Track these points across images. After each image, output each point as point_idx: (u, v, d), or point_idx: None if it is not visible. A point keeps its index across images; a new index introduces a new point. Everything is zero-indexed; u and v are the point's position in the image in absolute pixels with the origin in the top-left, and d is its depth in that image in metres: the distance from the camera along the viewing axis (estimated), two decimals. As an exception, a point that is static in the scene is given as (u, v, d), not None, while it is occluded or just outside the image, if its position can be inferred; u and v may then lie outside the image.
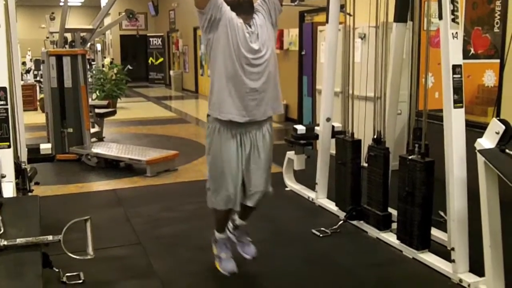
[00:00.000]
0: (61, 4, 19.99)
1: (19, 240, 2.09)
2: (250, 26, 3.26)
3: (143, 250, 4.11)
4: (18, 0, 3.91)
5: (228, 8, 3.24)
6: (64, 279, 3.43)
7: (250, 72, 3.23)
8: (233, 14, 3.23)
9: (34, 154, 4.27)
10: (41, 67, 8.07)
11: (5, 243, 2.09)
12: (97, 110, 8.67)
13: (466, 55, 5.27)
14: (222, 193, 3.38)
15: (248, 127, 3.33)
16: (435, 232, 3.99)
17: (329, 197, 5.05)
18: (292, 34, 10.35)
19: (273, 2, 3.38)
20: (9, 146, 2.96)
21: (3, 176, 2.77)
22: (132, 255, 4.06)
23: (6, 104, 2.97)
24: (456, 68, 3.50)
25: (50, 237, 2.14)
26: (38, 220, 2.25)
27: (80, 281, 3.46)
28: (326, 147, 5.03)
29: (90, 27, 7.93)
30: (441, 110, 3.65)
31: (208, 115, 3.39)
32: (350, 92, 4.68)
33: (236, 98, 3.22)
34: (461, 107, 3.52)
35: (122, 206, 5.21)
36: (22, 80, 8.18)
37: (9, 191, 2.75)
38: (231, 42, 3.18)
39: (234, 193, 3.36)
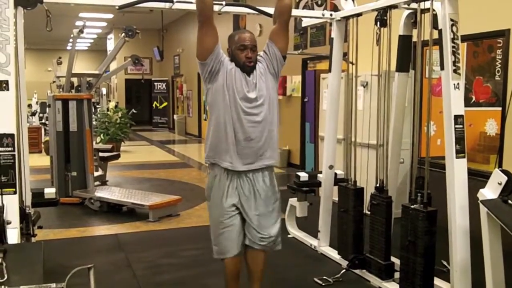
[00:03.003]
0: (68, 48, 20.27)
1: (22, 288, 2.10)
2: (249, 75, 3.36)
3: (144, 296, 4.09)
4: (26, 44, 3.98)
5: (227, 59, 3.38)
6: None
7: (247, 121, 3.31)
8: (232, 64, 3.36)
9: (38, 198, 4.28)
10: (47, 111, 8.15)
11: (8, 290, 2.09)
12: (101, 154, 8.71)
13: (467, 102, 5.33)
14: (221, 240, 3.39)
15: (246, 174, 3.37)
16: (438, 282, 3.95)
17: (331, 245, 5.03)
18: (295, 81, 10.48)
19: (274, 53, 3.47)
20: (15, 192, 2.97)
21: (9, 223, 2.78)
22: (133, 302, 4.04)
23: (13, 151, 3.00)
24: (458, 119, 3.54)
25: (53, 285, 2.14)
26: (42, 268, 2.26)
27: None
28: (328, 194, 5.04)
29: (96, 72, 8.06)
30: (443, 157, 3.67)
31: (206, 161, 3.48)
32: (353, 139, 4.71)
33: (231, 146, 3.30)
34: (464, 157, 3.55)
35: (123, 251, 5.19)
36: (27, 122, 8.27)
37: (13, 237, 2.75)
38: (228, 92, 3.30)
39: (235, 238, 3.36)
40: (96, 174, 7.98)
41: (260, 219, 3.40)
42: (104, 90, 18.08)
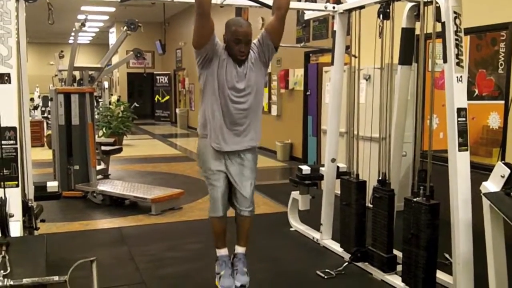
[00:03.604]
0: (70, 41, 20.27)
1: (25, 280, 2.10)
2: (240, 66, 3.57)
3: (147, 289, 4.10)
4: (28, 38, 3.98)
5: (222, 47, 3.56)
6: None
7: (234, 108, 3.59)
8: (225, 54, 3.55)
9: (41, 191, 4.29)
10: (49, 104, 8.15)
11: (11, 283, 2.10)
12: (103, 148, 8.72)
13: (470, 96, 5.30)
14: (212, 199, 3.76)
15: (232, 151, 3.71)
16: (440, 275, 3.96)
17: (334, 238, 5.03)
18: (297, 74, 10.46)
19: (268, 44, 3.64)
20: (17, 185, 2.98)
21: (11, 216, 2.78)
22: (135, 295, 4.05)
23: (16, 144, 3.01)
24: (461, 111, 3.53)
25: (56, 278, 2.15)
26: (44, 261, 2.26)
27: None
28: (331, 187, 5.03)
29: (98, 65, 8.04)
30: (446, 151, 3.67)
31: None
32: (355, 132, 4.71)
33: (219, 130, 3.61)
34: (466, 150, 3.55)
35: (126, 244, 5.20)
36: (30, 116, 8.26)
37: (16, 230, 2.75)
38: (219, 81, 3.54)
39: (219, 198, 3.72)
40: (98, 167, 7.98)
41: (245, 183, 3.74)
42: (106, 84, 18.08)
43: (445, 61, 3.59)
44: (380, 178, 4.27)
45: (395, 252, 4.21)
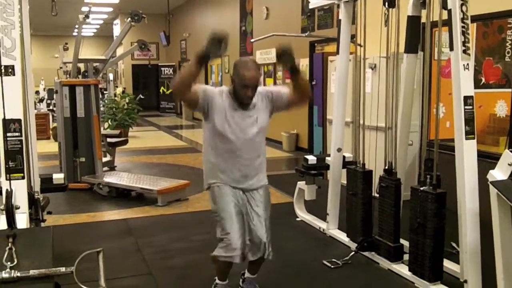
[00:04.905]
0: (74, 34, 20.30)
1: (32, 272, 2.11)
2: (245, 108, 3.47)
3: (153, 280, 4.10)
4: (32, 30, 3.97)
5: (219, 92, 3.48)
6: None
7: (248, 149, 3.48)
8: (228, 97, 3.45)
9: (47, 184, 4.30)
10: (54, 97, 8.16)
11: (18, 274, 2.10)
12: (109, 140, 8.72)
13: (477, 84, 5.28)
14: (225, 242, 3.44)
15: (244, 190, 3.55)
16: (447, 264, 3.96)
17: (340, 227, 5.03)
18: (302, 64, 10.41)
19: (280, 106, 3.60)
20: (23, 177, 2.97)
21: (17, 208, 2.79)
22: (143, 286, 4.06)
23: (21, 136, 3.00)
24: (467, 100, 3.50)
25: (62, 269, 2.15)
26: (51, 252, 2.26)
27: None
28: (337, 177, 5.02)
29: (103, 57, 8.04)
30: (452, 140, 3.65)
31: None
32: (361, 122, 4.69)
33: (229, 172, 3.50)
34: (473, 138, 3.52)
35: (133, 235, 5.21)
36: (35, 109, 8.26)
37: (22, 222, 2.76)
38: (227, 124, 3.42)
39: (236, 242, 3.40)
40: (104, 159, 8.00)
41: (260, 223, 3.50)
42: (111, 76, 18.10)
43: (451, 49, 3.56)
44: (386, 167, 4.26)
45: (402, 241, 4.21)
